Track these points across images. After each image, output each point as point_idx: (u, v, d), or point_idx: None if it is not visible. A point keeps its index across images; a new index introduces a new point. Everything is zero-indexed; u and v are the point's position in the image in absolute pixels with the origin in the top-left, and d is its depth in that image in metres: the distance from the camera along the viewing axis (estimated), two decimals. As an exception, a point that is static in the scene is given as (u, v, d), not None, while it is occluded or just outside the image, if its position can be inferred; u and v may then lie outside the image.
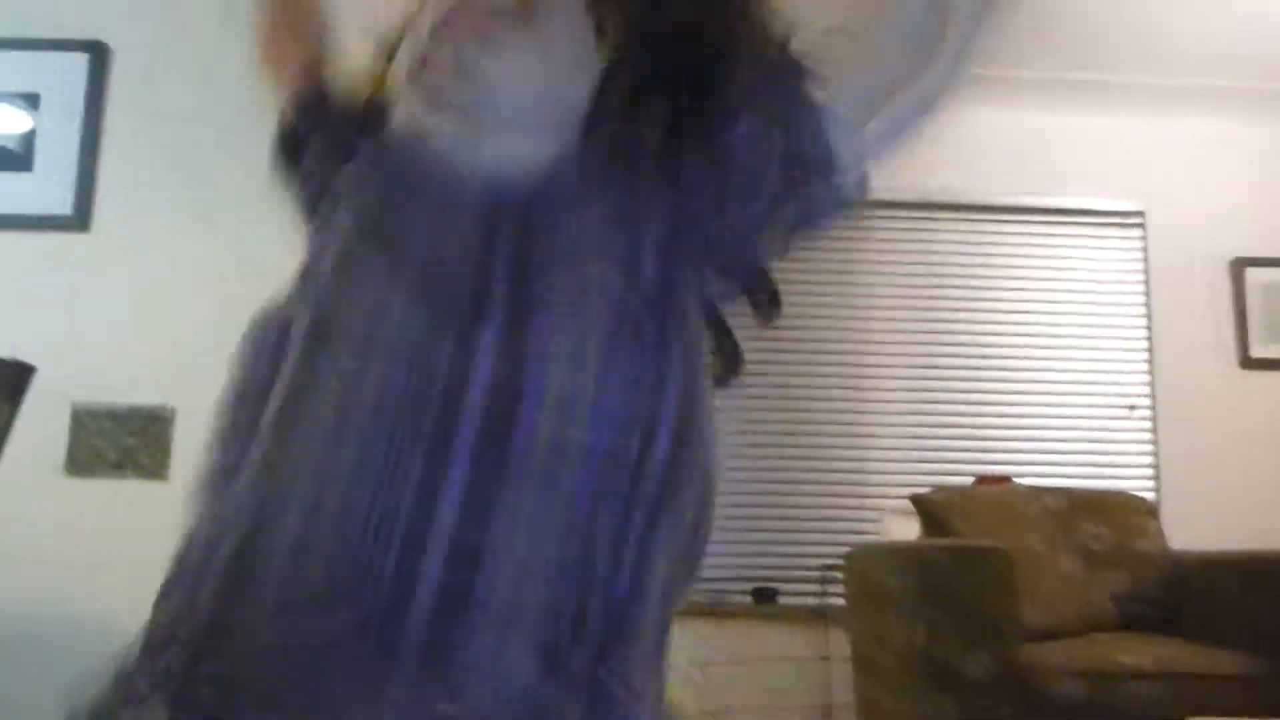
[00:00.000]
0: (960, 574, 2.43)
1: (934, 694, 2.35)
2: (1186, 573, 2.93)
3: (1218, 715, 1.89)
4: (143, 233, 2.51)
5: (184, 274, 2.51)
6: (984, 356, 4.09)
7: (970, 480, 3.47)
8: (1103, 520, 3.02)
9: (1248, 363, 4.12)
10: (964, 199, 4.16)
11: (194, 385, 2.40)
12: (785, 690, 3.58)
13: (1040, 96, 4.17)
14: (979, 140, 4.20)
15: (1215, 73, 4.10)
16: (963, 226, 4.20)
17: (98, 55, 2.54)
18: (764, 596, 3.79)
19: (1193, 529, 3.60)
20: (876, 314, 4.11)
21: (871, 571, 2.81)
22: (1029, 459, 3.95)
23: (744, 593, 3.84)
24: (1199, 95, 4.19)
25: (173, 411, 2.45)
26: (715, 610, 3.79)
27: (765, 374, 3.96)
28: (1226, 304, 4.17)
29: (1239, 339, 4.13)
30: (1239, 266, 4.16)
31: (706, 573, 3.39)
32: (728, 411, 4.09)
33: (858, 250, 4.14)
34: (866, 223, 4.17)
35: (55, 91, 2.52)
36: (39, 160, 2.51)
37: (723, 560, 3.91)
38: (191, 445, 2.54)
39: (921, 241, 4.16)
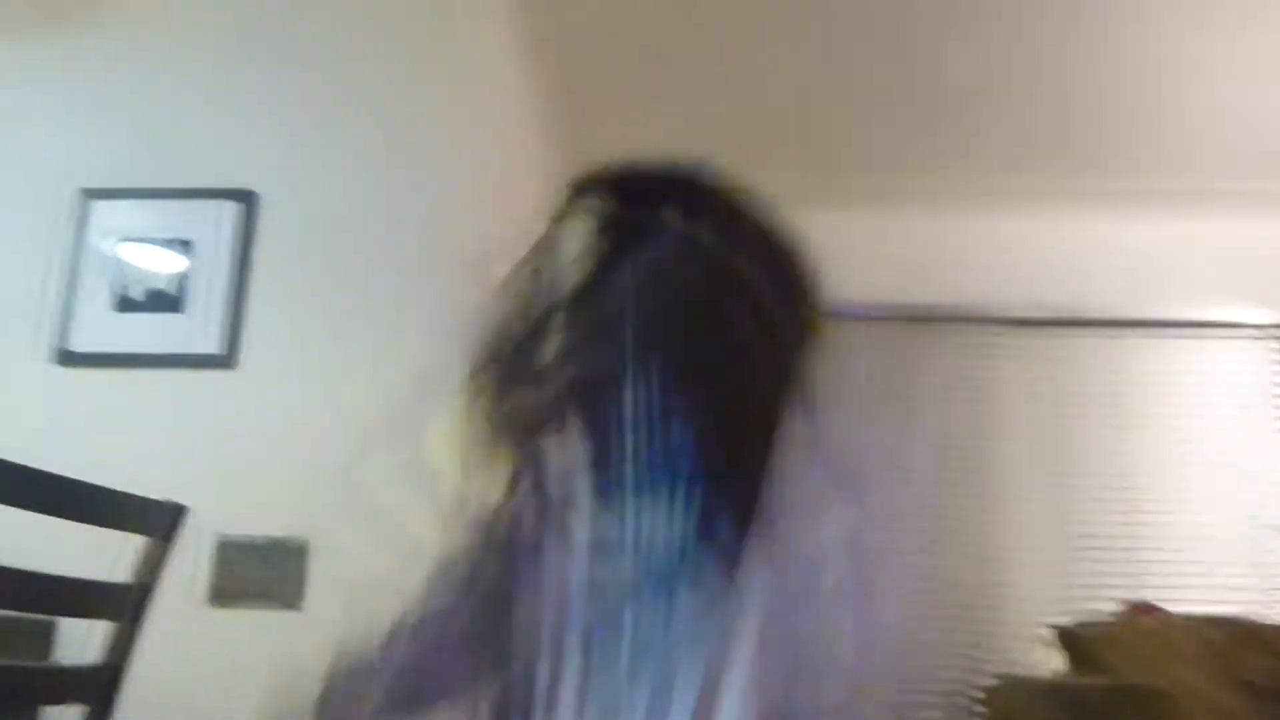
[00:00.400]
0: (1117, 715, 2.30)
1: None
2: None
3: None
4: (286, 370, 2.60)
5: (323, 410, 2.58)
6: (1128, 474, 3.94)
7: (1114, 608, 3.31)
8: (1268, 651, 2.83)
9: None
10: (1102, 314, 4.07)
11: (329, 517, 2.47)
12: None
13: (1172, 206, 4.09)
14: (1116, 253, 4.12)
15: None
16: (1100, 342, 4.10)
17: (248, 202, 2.68)
18: (895, 729, 3.65)
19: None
20: (1014, 434, 4.00)
21: (1018, 709, 2.67)
22: (1173, 584, 3.76)
23: (874, 724, 3.69)
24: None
25: (306, 544, 2.48)
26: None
27: (899, 492, 3.87)
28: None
29: (1389, 450, 3.92)
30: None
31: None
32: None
33: (994, 369, 4.06)
34: (1002, 340, 4.09)
35: (208, 237, 2.66)
36: (190, 302, 2.63)
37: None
38: (325, 576, 2.55)
39: (1058, 359, 4.07)
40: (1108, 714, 2.31)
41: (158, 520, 1.71)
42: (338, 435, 2.55)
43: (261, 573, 2.45)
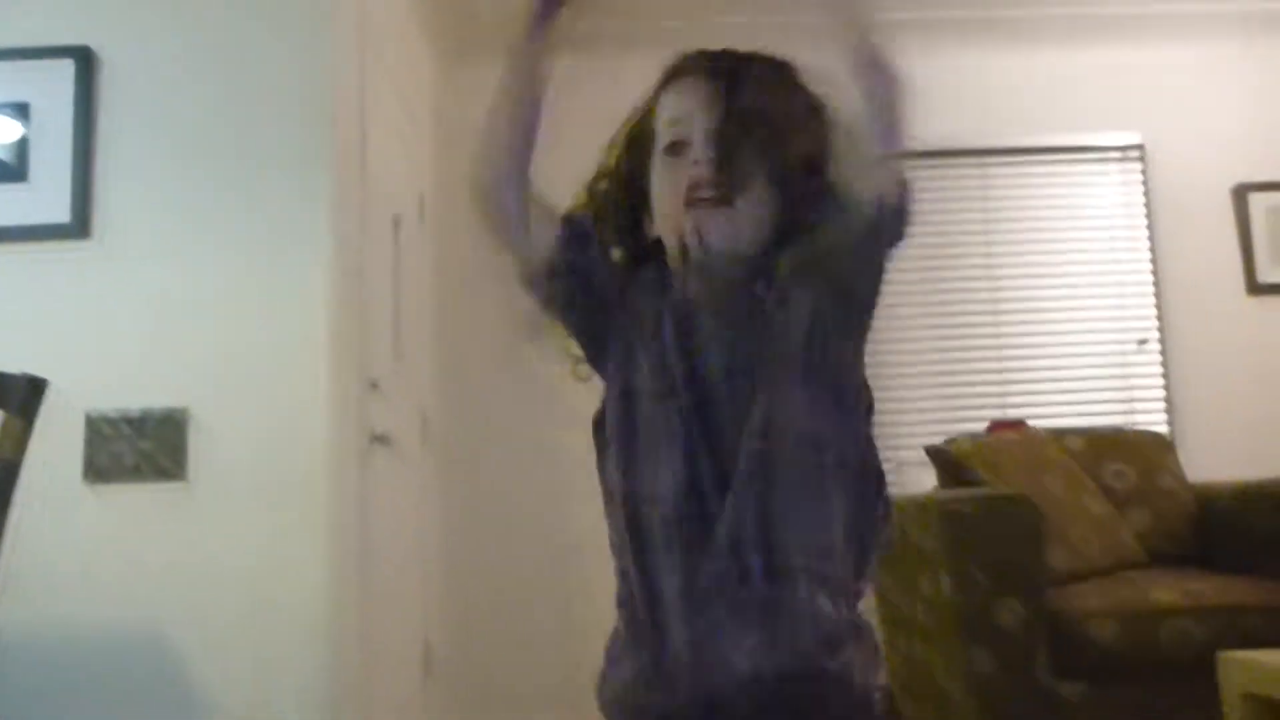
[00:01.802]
0: (987, 523, 2.43)
1: (969, 645, 2.35)
2: (1211, 505, 2.93)
3: (1253, 647, 1.89)
4: (143, 237, 2.50)
5: (187, 276, 2.49)
6: (993, 301, 4.08)
7: (983, 427, 3.46)
8: (1123, 459, 3.02)
9: (1255, 289, 4.11)
10: (963, 144, 4.13)
11: (207, 386, 2.42)
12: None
13: (1035, 35, 4.13)
14: (977, 84, 4.16)
15: (1208, -2, 4.06)
16: (965, 171, 4.18)
17: (85, 61, 2.51)
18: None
19: (1210, 461, 3.60)
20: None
21: (895, 524, 2.80)
22: (1042, 401, 3.94)
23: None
24: (1191, 21, 4.15)
25: (186, 413, 2.44)
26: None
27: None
28: (1231, 231, 4.15)
29: (1245, 266, 4.12)
30: (1241, 193, 4.14)
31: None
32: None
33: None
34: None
35: (45, 100, 2.49)
36: (33, 170, 2.49)
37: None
38: (206, 446, 2.53)
39: (925, 189, 4.12)
40: (980, 523, 2.43)
41: (12, 394, 1.65)
42: (205, 301, 2.49)
43: (138, 446, 2.40)
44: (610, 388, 1.12)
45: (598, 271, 1.13)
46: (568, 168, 1.27)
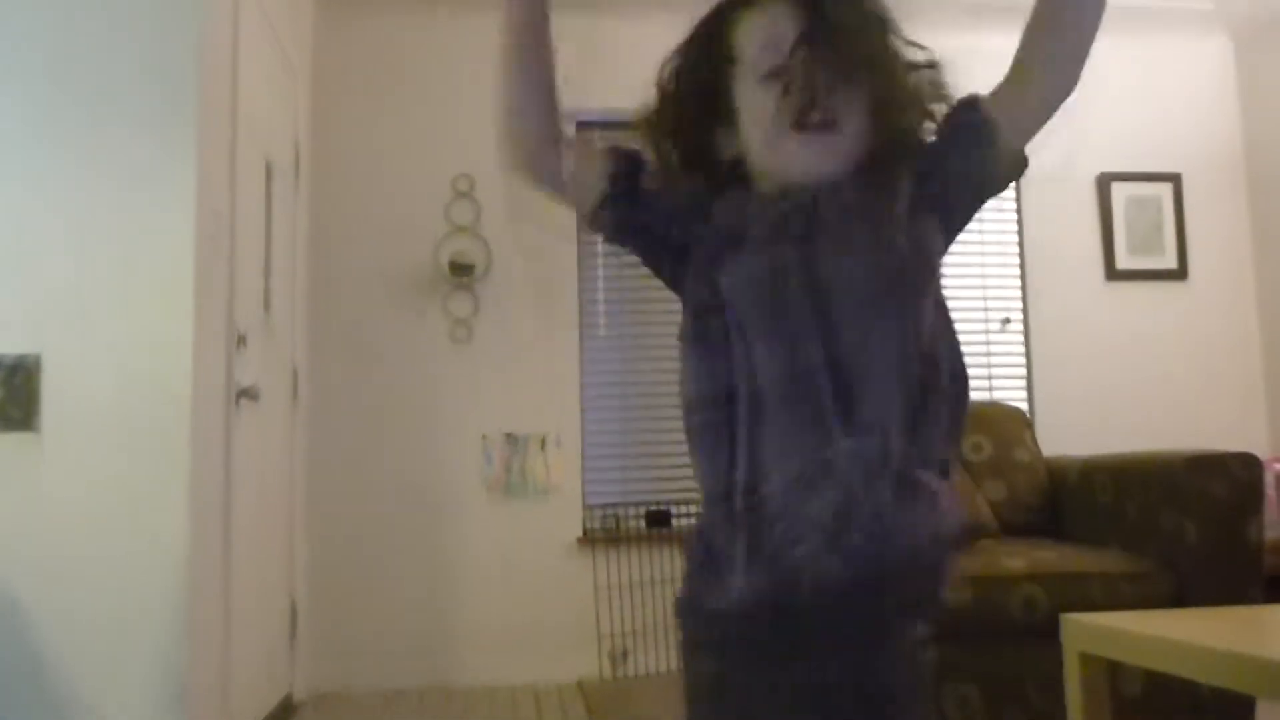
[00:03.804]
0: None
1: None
2: (1060, 478, 3.07)
3: (1092, 609, 1.99)
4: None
5: (40, 210, 2.38)
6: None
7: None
8: (982, 432, 3.13)
9: (1114, 275, 4.30)
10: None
11: (61, 331, 2.31)
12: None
13: (922, 20, 4.21)
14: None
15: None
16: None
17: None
18: (658, 520, 3.85)
19: (1065, 436, 3.77)
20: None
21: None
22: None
23: (638, 517, 3.88)
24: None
25: (38, 360, 2.33)
26: (610, 536, 3.84)
27: (656, 296, 3.97)
28: (1094, 219, 4.32)
29: (1105, 253, 4.30)
30: (1105, 182, 4.31)
31: (601, 499, 3.43)
32: (623, 332, 4.08)
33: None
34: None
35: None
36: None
37: (615, 486, 3.94)
38: (61, 394, 2.42)
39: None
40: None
41: None
42: (57, 237, 2.38)
43: (-14, 393, 2.29)
44: (689, 304, 1.10)
45: (654, 203, 1.13)
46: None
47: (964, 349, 1.06)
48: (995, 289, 4.26)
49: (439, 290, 3.93)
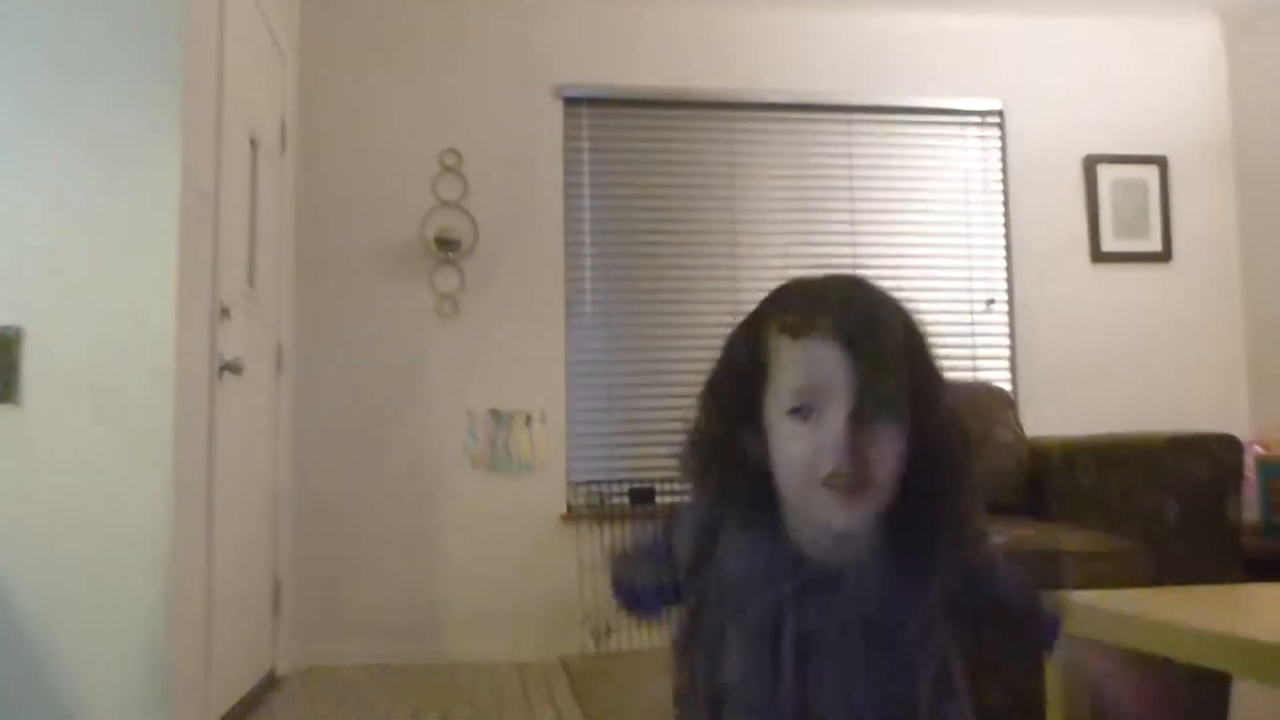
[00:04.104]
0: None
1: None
2: (1041, 458, 3.08)
3: (1072, 588, 2.00)
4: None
5: (21, 179, 2.35)
6: (854, 255, 4.17)
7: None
8: (965, 411, 3.13)
9: (1099, 257, 4.31)
10: (831, 99, 4.20)
11: (43, 304, 2.29)
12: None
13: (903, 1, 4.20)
14: (848, 42, 4.23)
15: (1071, -29, 4.19)
16: (831, 127, 4.24)
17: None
18: (641, 497, 3.85)
19: (1047, 416, 3.79)
20: (750, 215, 4.14)
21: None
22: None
23: (622, 494, 3.89)
24: (1056, -5, 4.27)
25: (20, 332, 2.31)
26: (594, 513, 3.84)
27: (642, 275, 3.96)
28: (1080, 201, 4.33)
29: (1091, 235, 4.31)
30: (1091, 164, 4.31)
31: (586, 476, 3.44)
32: (609, 309, 4.09)
33: (732, 154, 4.15)
34: (739, 125, 4.17)
35: None
36: None
37: (600, 463, 3.94)
38: (42, 367, 2.40)
39: (790, 143, 4.20)
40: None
41: None
42: (39, 208, 2.36)
43: (-34, 364, 2.27)
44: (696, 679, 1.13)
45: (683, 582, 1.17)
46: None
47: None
48: (980, 269, 4.27)
49: (425, 265, 3.92)
